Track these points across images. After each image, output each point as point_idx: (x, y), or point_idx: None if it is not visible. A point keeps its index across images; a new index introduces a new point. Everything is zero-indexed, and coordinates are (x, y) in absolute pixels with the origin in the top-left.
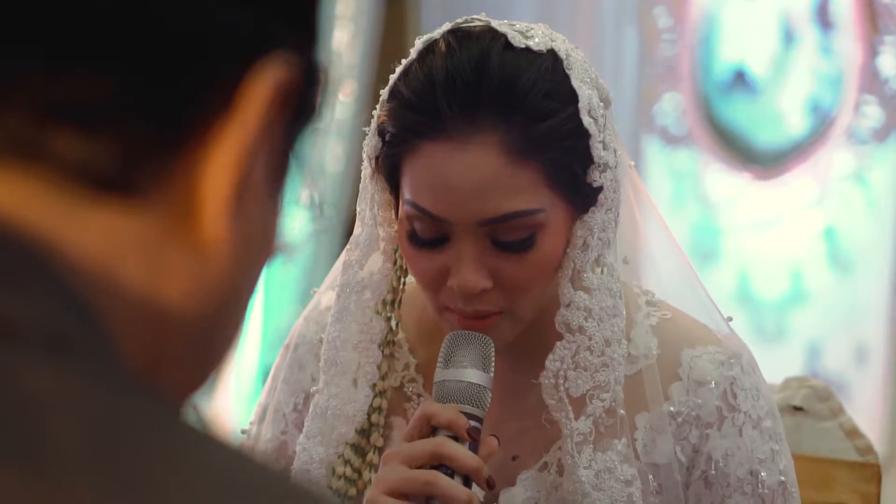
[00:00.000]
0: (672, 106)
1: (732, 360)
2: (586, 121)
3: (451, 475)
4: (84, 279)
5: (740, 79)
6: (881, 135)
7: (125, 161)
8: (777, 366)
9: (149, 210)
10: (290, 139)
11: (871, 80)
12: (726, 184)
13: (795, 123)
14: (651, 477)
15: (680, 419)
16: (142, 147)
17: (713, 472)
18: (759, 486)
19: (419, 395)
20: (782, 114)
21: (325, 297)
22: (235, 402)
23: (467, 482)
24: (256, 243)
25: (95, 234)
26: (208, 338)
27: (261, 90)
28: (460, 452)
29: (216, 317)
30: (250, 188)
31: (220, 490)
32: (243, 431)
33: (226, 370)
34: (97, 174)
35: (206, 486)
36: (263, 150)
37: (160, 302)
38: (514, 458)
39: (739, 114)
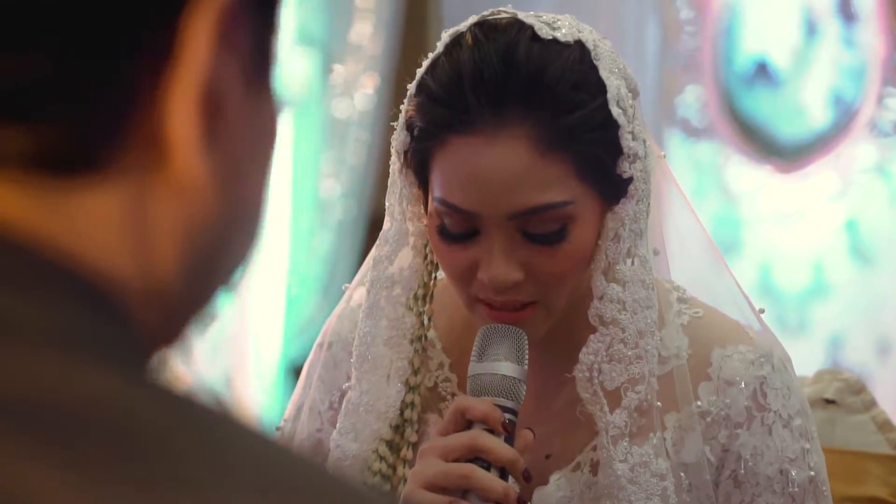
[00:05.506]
0: (694, 98)
1: (763, 359)
2: (615, 111)
3: (488, 468)
4: (78, 267)
5: (762, 71)
6: None
7: (77, 139)
8: (799, 358)
9: (119, 179)
10: (258, 45)
11: (894, 73)
12: (748, 176)
13: (817, 116)
14: (682, 475)
15: (709, 419)
16: (89, 119)
17: (742, 471)
18: (790, 485)
19: (453, 395)
20: (804, 106)
21: (357, 293)
22: (258, 393)
23: (504, 475)
24: (245, 159)
25: (75, 221)
26: (212, 264)
27: (203, 20)
28: (496, 445)
29: (219, 240)
30: (222, 114)
31: (266, 483)
32: (278, 429)
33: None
34: (53, 161)
35: (254, 480)
36: (228, 72)
37: (156, 262)
38: (547, 457)
39: (761, 106)
